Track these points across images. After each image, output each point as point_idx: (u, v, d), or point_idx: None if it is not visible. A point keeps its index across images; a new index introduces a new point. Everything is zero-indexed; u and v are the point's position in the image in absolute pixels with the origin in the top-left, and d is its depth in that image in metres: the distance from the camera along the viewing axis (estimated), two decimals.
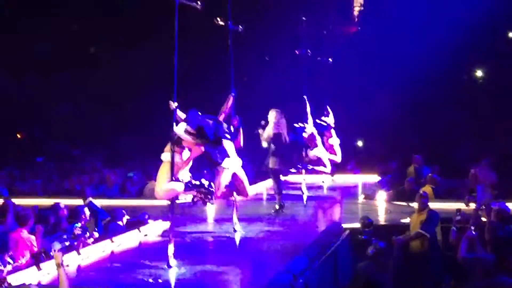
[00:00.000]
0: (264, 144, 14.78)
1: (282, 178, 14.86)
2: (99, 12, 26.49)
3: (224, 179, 10.58)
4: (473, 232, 9.95)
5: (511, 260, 8.66)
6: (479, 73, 27.46)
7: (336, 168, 18.37)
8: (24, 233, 10.82)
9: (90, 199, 13.29)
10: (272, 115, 14.18)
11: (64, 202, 12.89)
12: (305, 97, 16.78)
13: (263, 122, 14.23)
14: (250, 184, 11.77)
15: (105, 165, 22.07)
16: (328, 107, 18.24)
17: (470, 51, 26.13)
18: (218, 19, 11.43)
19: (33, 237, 10.82)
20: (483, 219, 11.60)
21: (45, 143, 25.96)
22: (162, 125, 10.30)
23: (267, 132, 14.15)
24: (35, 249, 10.67)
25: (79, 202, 13.49)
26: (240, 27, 11.89)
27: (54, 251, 7.52)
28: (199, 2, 9.60)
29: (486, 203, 12.13)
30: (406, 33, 25.53)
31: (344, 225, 12.77)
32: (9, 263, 9.86)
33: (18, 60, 25.86)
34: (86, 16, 26.92)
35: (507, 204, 11.73)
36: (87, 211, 12.34)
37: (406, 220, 12.89)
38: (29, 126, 26.55)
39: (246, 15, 13.76)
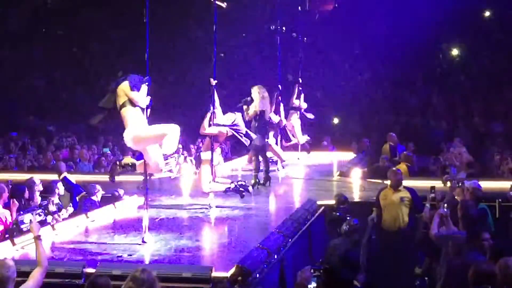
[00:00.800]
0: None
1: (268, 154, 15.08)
2: None
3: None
4: (445, 210, 10.03)
5: (482, 237, 8.75)
6: (455, 52, 27.57)
7: (311, 145, 18.55)
8: None
9: (65, 174, 13.22)
10: (256, 92, 14.28)
11: (38, 177, 12.83)
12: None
13: (249, 98, 14.25)
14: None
15: (80, 140, 21.96)
16: (298, 88, 18.39)
17: (447, 30, 26.23)
18: None
19: (7, 212, 10.76)
20: (457, 197, 11.69)
21: (19, 117, 25.74)
22: None
23: (253, 109, 14.25)
24: (7, 223, 10.62)
25: (54, 177, 13.43)
26: (225, 3, 11.86)
27: (30, 222, 7.52)
28: None
29: (460, 181, 12.23)
30: (382, 11, 25.55)
31: (319, 202, 12.81)
32: None
33: None
34: None
35: (480, 182, 11.83)
36: (60, 186, 12.30)
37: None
38: (2, 99, 26.28)
39: None
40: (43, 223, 10.33)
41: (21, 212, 10.68)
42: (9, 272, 6.63)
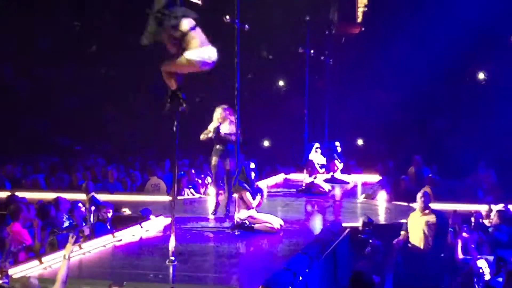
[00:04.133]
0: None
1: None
2: (104, 6, 26.56)
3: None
4: (468, 233, 10.03)
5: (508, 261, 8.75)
6: (481, 75, 27.49)
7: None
8: (15, 227, 10.89)
9: (93, 193, 13.37)
10: (222, 113, 13.21)
11: (67, 196, 12.99)
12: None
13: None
14: None
15: (108, 160, 22.14)
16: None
17: (473, 53, 26.17)
18: (227, 16, 11.52)
19: (24, 231, 10.91)
20: (485, 221, 11.68)
21: (48, 137, 26.00)
22: (164, 121, 10.36)
23: (231, 130, 13.12)
24: (26, 242, 10.75)
25: (81, 196, 13.60)
26: (246, 26, 12.01)
27: (71, 238, 7.71)
28: None
29: (487, 205, 12.22)
30: (409, 33, 25.59)
31: (344, 224, 12.82)
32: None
33: (23, 53, 25.85)
34: (91, 10, 26.97)
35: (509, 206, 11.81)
36: (82, 206, 12.41)
37: (406, 220, 12.96)
38: (33, 120, 26.56)
39: (250, 14, 13.83)
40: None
41: (55, 231, 10.85)
42: None
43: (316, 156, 17.55)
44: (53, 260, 9.22)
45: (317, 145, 17.61)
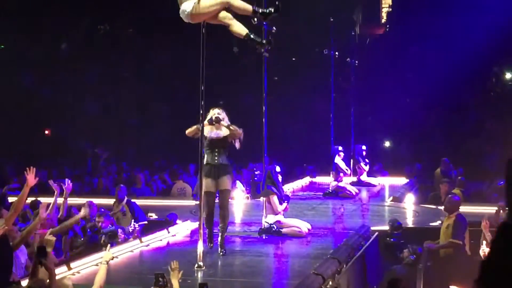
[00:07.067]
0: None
1: None
2: (128, 11, 26.61)
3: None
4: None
5: None
6: (508, 75, 27.25)
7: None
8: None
9: (126, 198, 13.31)
10: (221, 113, 10.66)
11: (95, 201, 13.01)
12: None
13: None
14: None
15: (132, 165, 22.13)
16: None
17: (499, 54, 25.97)
18: (255, 19, 11.46)
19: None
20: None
21: (72, 142, 26.03)
22: (188, 125, 10.33)
23: (239, 133, 10.70)
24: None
25: (108, 201, 13.60)
26: (274, 28, 11.94)
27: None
28: None
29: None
30: (433, 34, 25.43)
31: (373, 228, 12.70)
32: None
33: (45, 58, 25.94)
34: (112, 15, 27.04)
35: None
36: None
37: (435, 223, 12.82)
38: (56, 125, 26.59)
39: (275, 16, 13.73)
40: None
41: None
42: None
43: (340, 160, 17.49)
44: (79, 267, 9.19)
45: (340, 148, 17.58)
